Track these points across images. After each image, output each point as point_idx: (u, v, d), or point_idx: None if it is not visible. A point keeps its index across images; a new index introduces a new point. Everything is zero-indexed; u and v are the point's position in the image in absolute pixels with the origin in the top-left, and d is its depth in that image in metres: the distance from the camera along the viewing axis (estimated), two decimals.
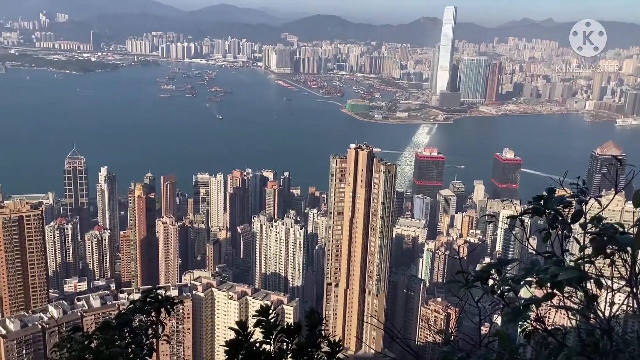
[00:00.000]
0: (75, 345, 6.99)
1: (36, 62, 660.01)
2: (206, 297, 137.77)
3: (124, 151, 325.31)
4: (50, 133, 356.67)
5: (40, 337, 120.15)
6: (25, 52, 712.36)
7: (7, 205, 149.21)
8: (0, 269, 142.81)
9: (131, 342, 7.25)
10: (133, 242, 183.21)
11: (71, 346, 6.98)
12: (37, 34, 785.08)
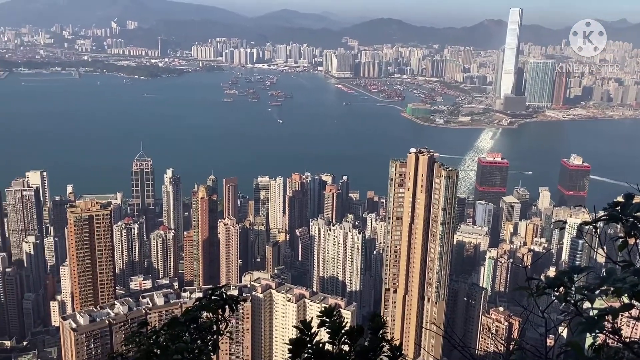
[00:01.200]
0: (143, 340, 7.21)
1: (107, 67, 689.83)
2: (265, 299, 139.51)
3: (188, 154, 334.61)
4: (119, 136, 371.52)
5: (107, 332, 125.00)
6: (97, 58, 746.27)
7: (79, 205, 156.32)
8: (72, 266, 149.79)
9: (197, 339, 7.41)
10: (196, 242, 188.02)
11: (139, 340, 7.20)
12: (108, 41, 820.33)
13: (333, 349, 6.96)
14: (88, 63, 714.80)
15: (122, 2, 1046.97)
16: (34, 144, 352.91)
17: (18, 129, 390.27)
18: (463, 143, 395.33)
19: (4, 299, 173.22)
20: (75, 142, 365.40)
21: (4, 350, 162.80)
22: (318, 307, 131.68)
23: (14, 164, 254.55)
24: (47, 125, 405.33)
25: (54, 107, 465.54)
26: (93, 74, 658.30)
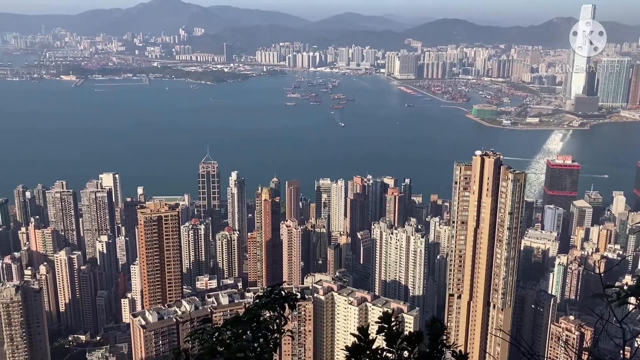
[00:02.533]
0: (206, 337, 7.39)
1: (175, 73, 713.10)
2: (327, 301, 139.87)
3: (252, 157, 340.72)
4: (187, 139, 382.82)
5: (174, 329, 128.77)
6: (166, 64, 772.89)
7: (149, 206, 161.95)
8: (141, 265, 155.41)
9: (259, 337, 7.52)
10: (259, 243, 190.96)
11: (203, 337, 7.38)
12: (176, 48, 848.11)
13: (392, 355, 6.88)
14: (157, 69, 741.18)
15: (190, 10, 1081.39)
16: (107, 147, 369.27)
17: (92, 133, 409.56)
18: (531, 145, 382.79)
19: (79, 295, 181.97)
20: (145, 146, 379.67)
21: (80, 344, 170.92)
22: (380, 311, 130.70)
23: (88, 167, 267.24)
24: (119, 129, 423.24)
25: (125, 112, 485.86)
26: (162, 80, 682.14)
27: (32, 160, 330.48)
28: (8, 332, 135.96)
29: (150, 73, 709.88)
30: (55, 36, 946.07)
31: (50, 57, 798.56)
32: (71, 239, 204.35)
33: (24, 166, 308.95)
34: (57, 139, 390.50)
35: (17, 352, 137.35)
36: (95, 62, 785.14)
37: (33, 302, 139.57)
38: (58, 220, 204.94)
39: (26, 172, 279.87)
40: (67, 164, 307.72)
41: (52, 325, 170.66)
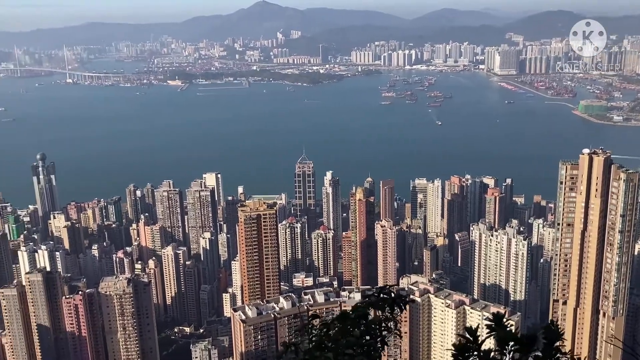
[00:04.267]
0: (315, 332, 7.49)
1: (273, 76, 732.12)
2: (423, 303, 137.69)
3: (346, 156, 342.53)
4: (283, 140, 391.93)
5: (272, 325, 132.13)
6: (264, 67, 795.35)
7: (248, 205, 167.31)
8: (241, 261, 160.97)
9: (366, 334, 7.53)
10: (354, 243, 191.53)
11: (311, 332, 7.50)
12: (274, 51, 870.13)
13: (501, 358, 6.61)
14: (256, 72, 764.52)
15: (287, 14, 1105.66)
16: (210, 148, 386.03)
17: (196, 135, 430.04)
18: None
19: (184, 289, 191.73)
20: (245, 146, 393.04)
21: (184, 335, 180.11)
22: (479, 315, 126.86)
23: (193, 167, 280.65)
24: (220, 131, 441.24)
25: (225, 115, 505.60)
26: (260, 83, 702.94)
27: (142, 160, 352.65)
28: (121, 321, 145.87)
29: (249, 76, 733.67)
30: (163, 43, 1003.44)
31: (158, 64, 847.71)
32: (177, 236, 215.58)
33: (134, 166, 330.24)
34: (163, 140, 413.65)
35: (129, 341, 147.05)
36: (199, 67, 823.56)
37: (143, 295, 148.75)
38: (165, 218, 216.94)
39: (137, 172, 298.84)
40: (174, 164, 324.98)
41: (160, 316, 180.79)
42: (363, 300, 7.63)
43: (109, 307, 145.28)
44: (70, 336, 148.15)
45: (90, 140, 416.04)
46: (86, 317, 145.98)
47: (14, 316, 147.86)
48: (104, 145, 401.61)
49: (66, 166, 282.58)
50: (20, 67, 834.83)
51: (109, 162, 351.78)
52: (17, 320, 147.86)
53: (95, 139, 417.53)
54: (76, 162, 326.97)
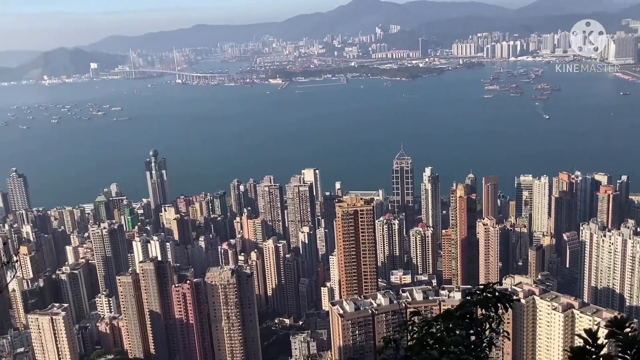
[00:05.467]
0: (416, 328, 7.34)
1: (371, 71, 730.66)
2: (527, 305, 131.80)
3: (446, 152, 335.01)
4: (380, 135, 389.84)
5: (370, 320, 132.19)
6: (362, 63, 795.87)
7: (345, 200, 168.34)
8: (339, 256, 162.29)
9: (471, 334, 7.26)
10: (454, 241, 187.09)
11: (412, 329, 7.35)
12: (373, 46, 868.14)
13: None
14: (354, 68, 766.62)
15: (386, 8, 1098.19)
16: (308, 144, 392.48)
17: (295, 132, 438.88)
18: None
19: (284, 281, 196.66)
20: (342, 142, 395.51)
21: (284, 327, 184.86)
22: (589, 320, 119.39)
23: (293, 163, 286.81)
24: (318, 128, 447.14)
25: (323, 111, 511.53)
26: (358, 79, 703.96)
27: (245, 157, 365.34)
28: (225, 310, 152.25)
29: (348, 73, 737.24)
30: (264, 43, 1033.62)
31: (260, 63, 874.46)
32: (277, 229, 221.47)
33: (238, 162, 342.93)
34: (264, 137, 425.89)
35: (232, 330, 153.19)
36: (298, 65, 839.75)
37: (245, 285, 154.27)
38: (266, 212, 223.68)
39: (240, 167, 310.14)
40: (274, 160, 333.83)
41: (261, 307, 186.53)
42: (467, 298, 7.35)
43: (214, 296, 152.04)
44: (179, 323, 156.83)
45: (198, 137, 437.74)
46: (193, 305, 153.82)
47: (129, 302, 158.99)
48: (211, 142, 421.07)
49: (176, 162, 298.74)
50: (134, 69, 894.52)
51: (215, 158, 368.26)
52: (131, 306, 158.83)
53: (202, 137, 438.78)
54: (185, 158, 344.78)
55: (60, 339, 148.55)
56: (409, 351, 6.99)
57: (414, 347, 7.09)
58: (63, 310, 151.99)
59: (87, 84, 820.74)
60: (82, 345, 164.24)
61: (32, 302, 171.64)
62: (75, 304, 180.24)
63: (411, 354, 6.89)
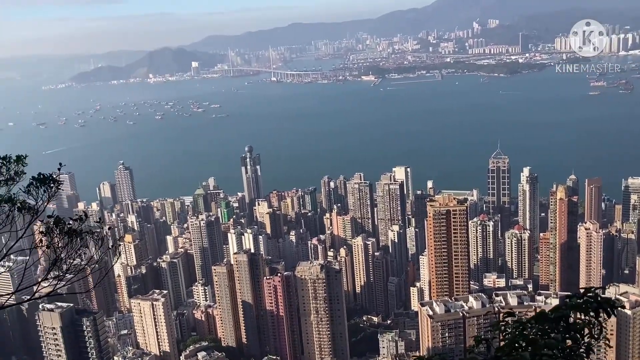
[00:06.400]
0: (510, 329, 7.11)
1: (468, 67, 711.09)
2: (634, 316, 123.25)
3: (546, 152, 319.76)
4: (476, 134, 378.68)
5: (461, 323, 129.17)
6: (458, 59, 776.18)
7: (437, 200, 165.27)
8: (430, 256, 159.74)
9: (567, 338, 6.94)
10: (552, 245, 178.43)
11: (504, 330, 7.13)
12: (469, 42, 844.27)
13: None
14: (450, 64, 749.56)
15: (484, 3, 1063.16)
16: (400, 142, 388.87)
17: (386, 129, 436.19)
18: None
19: (372, 279, 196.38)
20: (435, 140, 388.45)
21: (372, 324, 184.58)
22: None
23: (383, 160, 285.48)
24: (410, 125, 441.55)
25: (415, 108, 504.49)
26: (454, 75, 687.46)
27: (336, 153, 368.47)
28: (314, 305, 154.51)
29: (443, 69, 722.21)
30: (358, 40, 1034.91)
31: (353, 60, 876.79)
32: (367, 227, 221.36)
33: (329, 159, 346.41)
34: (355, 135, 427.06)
35: (320, 324, 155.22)
36: (392, 61, 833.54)
37: (334, 281, 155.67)
38: (356, 209, 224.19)
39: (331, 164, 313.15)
40: (365, 157, 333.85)
41: (349, 304, 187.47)
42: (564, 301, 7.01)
43: (303, 290, 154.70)
44: (269, 314, 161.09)
45: (290, 134, 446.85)
46: (283, 297, 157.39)
47: (223, 291, 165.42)
48: (303, 139, 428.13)
49: (270, 158, 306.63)
50: (233, 67, 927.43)
51: (307, 154, 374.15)
52: (226, 295, 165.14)
53: (295, 133, 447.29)
54: (279, 154, 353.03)
55: (159, 323, 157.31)
56: (500, 352, 6.79)
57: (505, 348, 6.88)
58: (162, 296, 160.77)
59: (188, 82, 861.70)
60: (179, 330, 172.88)
61: (135, 288, 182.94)
62: (174, 291, 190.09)
63: (501, 355, 6.69)
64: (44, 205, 10.60)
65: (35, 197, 10.56)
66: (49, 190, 10.66)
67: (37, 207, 10.52)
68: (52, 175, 10.73)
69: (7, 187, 10.57)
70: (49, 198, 10.66)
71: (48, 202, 10.64)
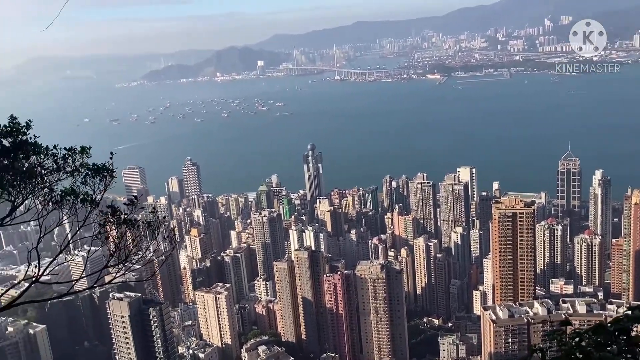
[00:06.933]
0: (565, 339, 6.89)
1: (538, 66, 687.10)
2: None
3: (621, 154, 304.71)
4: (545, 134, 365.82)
5: (525, 329, 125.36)
6: (528, 57, 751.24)
7: (503, 202, 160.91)
8: (494, 259, 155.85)
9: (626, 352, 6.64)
10: (626, 252, 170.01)
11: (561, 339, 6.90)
12: (540, 39, 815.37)
13: None
14: (519, 63, 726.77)
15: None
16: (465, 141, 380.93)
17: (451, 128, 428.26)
18: None
19: (434, 280, 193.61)
20: (502, 140, 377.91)
21: (432, 327, 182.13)
22: None
23: (447, 160, 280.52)
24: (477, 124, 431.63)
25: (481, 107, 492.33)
26: (523, 74, 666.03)
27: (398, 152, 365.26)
28: (374, 304, 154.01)
29: (511, 67, 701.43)
30: (424, 38, 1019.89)
31: (418, 58, 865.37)
32: (429, 227, 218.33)
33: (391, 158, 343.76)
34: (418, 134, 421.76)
35: (380, 324, 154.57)
36: (458, 59, 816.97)
37: (394, 281, 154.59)
38: (418, 209, 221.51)
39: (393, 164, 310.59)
40: (429, 157, 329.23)
41: (410, 305, 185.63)
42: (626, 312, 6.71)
43: (363, 289, 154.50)
44: (329, 311, 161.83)
45: (352, 132, 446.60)
46: (343, 296, 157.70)
47: (284, 287, 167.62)
48: (366, 137, 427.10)
49: (332, 156, 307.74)
50: (297, 66, 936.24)
51: (368, 153, 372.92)
52: (286, 291, 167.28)
53: (356, 132, 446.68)
54: (340, 153, 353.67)
55: (222, 316, 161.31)
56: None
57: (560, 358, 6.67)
58: (225, 290, 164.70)
59: (254, 81, 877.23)
60: (240, 324, 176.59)
61: (199, 280, 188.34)
62: (237, 285, 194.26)
63: None
64: (101, 195, 11.15)
65: (92, 186, 11.08)
66: (104, 180, 11.15)
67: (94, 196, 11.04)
68: (105, 165, 11.21)
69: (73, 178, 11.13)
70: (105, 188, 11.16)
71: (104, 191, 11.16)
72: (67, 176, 11.13)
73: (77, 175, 11.13)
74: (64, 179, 11.14)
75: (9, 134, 10.83)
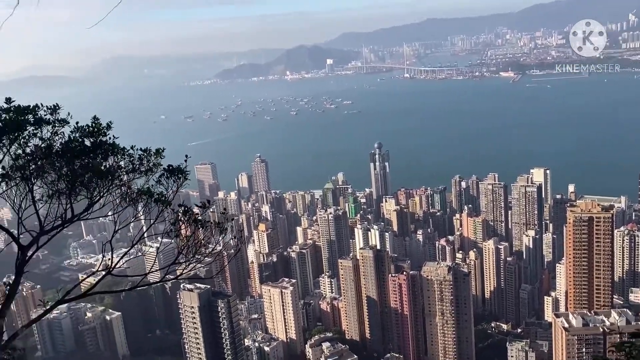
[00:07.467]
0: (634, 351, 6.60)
1: (620, 63, 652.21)
2: None
3: None
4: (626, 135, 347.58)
5: (600, 339, 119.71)
6: (609, 54, 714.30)
7: (579, 205, 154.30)
8: (568, 265, 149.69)
9: None
10: None
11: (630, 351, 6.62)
12: (623, 35, 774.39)
13: None
14: (599, 60, 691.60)
15: None
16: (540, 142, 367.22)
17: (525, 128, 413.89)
18: None
19: (503, 285, 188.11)
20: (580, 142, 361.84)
21: (501, 332, 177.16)
22: None
23: (520, 161, 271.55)
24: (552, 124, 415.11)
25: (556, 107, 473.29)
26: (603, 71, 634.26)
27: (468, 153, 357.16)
28: (440, 306, 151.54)
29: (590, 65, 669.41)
30: (497, 35, 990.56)
31: (491, 56, 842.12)
32: (499, 230, 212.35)
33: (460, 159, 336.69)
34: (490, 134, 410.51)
35: (446, 327, 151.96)
36: (533, 57, 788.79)
37: (462, 284, 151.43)
38: (488, 211, 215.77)
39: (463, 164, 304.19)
40: (500, 157, 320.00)
41: (477, 309, 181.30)
42: None
43: (429, 290, 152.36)
44: (394, 312, 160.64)
45: (421, 131, 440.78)
46: (408, 296, 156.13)
47: (348, 285, 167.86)
48: (434, 136, 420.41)
49: (399, 155, 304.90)
50: (366, 64, 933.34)
51: (437, 153, 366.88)
52: (351, 289, 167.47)
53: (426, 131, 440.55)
54: (408, 152, 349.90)
55: (287, 311, 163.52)
56: None
57: None
58: (291, 285, 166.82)
59: (323, 79, 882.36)
60: (305, 319, 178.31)
61: (266, 275, 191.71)
62: (302, 281, 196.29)
63: None
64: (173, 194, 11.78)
65: (166, 186, 11.71)
66: (178, 181, 11.76)
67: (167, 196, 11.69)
68: (179, 166, 11.82)
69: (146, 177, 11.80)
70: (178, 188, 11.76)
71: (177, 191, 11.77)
72: (142, 176, 11.80)
73: (150, 175, 11.80)
74: (138, 178, 11.82)
75: (91, 134, 11.60)
